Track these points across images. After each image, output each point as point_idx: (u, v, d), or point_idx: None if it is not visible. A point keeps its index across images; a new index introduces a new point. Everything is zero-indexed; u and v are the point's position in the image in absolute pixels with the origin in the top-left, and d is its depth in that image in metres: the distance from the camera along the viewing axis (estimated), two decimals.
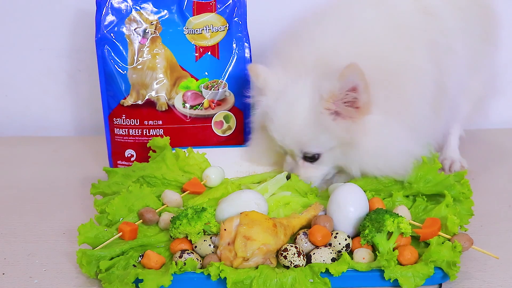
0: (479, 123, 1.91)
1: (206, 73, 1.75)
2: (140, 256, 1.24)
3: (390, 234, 1.22)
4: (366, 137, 1.37)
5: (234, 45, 1.75)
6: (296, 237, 1.26)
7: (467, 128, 1.85)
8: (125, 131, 1.74)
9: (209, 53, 1.74)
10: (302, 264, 1.20)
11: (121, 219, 1.34)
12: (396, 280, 1.15)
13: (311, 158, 1.44)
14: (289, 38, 1.51)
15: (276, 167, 1.56)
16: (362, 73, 1.30)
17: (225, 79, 1.74)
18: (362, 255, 1.22)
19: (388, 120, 1.38)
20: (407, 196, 1.40)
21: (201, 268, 1.20)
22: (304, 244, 1.24)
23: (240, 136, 1.77)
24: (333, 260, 1.21)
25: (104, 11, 1.71)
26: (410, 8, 1.51)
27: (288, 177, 1.46)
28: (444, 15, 1.53)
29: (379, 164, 1.40)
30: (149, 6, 1.73)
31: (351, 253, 1.23)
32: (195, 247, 1.25)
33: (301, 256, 1.20)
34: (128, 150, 1.75)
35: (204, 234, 1.27)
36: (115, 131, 1.75)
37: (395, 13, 1.50)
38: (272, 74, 1.47)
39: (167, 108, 1.73)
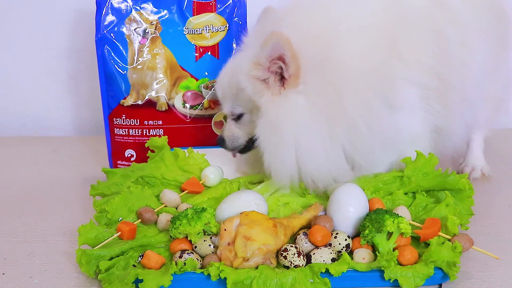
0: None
1: (206, 73, 1.75)
2: (140, 256, 1.24)
3: (390, 234, 1.22)
4: (274, 110, 1.31)
5: (234, 45, 1.75)
6: (296, 237, 1.26)
7: None
8: (125, 131, 1.74)
9: (209, 53, 1.74)
10: (302, 264, 1.20)
11: (120, 218, 1.34)
12: (396, 280, 1.15)
13: (236, 118, 1.43)
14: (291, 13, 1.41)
15: None
16: (288, 41, 1.25)
17: None
18: (362, 255, 1.22)
19: (314, 107, 1.30)
20: (406, 194, 1.39)
21: (201, 268, 1.20)
22: (304, 244, 1.24)
23: None
24: (333, 260, 1.20)
25: (104, 11, 1.71)
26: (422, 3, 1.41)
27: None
28: (462, 13, 1.45)
29: (271, 151, 1.33)
30: (149, 6, 1.72)
31: (351, 253, 1.23)
32: (195, 247, 1.25)
33: (301, 256, 1.20)
34: (128, 150, 1.75)
35: (204, 234, 1.27)
36: (115, 131, 1.75)
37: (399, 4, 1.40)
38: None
39: (167, 108, 1.73)
